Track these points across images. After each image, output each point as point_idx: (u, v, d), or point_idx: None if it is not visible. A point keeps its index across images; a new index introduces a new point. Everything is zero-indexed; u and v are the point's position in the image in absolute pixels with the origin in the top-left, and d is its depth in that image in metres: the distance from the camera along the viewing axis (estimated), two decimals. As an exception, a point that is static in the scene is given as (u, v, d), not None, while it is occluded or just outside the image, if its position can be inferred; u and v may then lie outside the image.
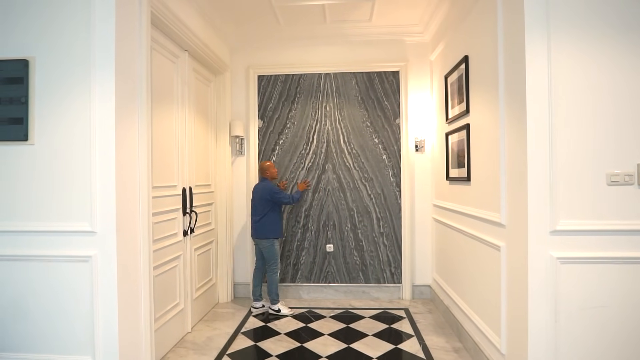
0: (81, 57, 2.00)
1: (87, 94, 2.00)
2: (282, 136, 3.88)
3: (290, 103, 3.87)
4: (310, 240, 3.86)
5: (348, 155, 3.83)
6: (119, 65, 2.04)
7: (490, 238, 2.25)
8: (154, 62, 2.60)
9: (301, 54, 3.87)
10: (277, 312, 3.37)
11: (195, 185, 3.23)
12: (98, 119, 2.00)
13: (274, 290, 3.39)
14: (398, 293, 3.80)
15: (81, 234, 2.00)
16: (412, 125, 3.78)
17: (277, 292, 3.41)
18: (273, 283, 3.40)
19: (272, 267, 3.40)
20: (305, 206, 3.86)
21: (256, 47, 3.90)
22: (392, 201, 3.80)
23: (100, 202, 1.99)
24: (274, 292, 3.39)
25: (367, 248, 3.82)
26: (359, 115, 3.82)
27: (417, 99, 3.79)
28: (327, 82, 3.85)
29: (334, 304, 3.67)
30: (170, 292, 2.80)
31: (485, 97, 2.35)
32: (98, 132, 2.00)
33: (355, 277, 3.82)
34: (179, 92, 2.97)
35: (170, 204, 2.81)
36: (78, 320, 2.01)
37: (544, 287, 1.81)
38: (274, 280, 3.40)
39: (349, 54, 3.83)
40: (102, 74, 2.00)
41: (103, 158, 1.99)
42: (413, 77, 3.78)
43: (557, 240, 1.80)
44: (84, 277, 2.00)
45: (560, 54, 1.81)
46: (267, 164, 3.51)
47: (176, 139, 2.93)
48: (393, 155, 3.80)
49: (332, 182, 3.84)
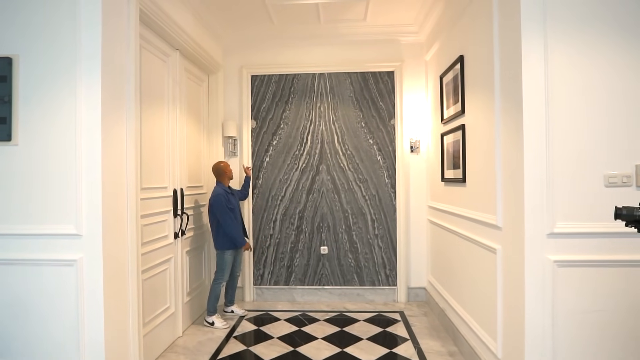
0: (67, 54, 1.94)
1: (73, 93, 1.94)
2: (276, 137, 3.83)
3: (284, 103, 3.83)
4: (304, 242, 3.81)
5: (342, 156, 3.79)
6: (106, 63, 1.98)
7: (486, 240, 2.22)
8: (144, 61, 2.54)
9: (295, 54, 3.82)
10: (211, 325, 3.16)
11: (186, 187, 3.17)
12: (84, 118, 1.94)
13: (211, 301, 3.16)
14: (393, 295, 3.76)
15: (66, 236, 1.93)
16: (407, 126, 3.75)
17: (213, 304, 3.17)
18: (212, 293, 3.17)
19: (216, 276, 3.20)
20: (299, 208, 3.81)
21: (249, 46, 3.85)
22: (387, 202, 3.76)
23: (87, 204, 1.93)
24: (210, 302, 3.16)
25: (362, 250, 3.78)
26: (353, 116, 3.78)
27: (412, 99, 3.75)
28: (322, 82, 3.81)
29: (328, 307, 3.62)
30: (161, 295, 2.74)
31: (481, 98, 2.31)
32: (84, 131, 1.94)
33: (350, 279, 3.78)
34: (170, 92, 2.91)
35: (161, 206, 2.75)
36: (63, 325, 1.94)
37: (540, 290, 1.77)
38: (213, 290, 3.17)
39: (344, 54, 3.79)
40: (89, 72, 1.94)
41: (89, 158, 1.93)
42: (408, 77, 3.75)
43: (554, 243, 1.76)
44: (69, 282, 1.94)
45: (556, 54, 1.78)
46: (221, 165, 3.25)
47: (167, 139, 2.87)
48: (388, 156, 3.76)
49: (327, 183, 3.80)
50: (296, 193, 3.81)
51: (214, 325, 3.15)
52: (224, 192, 3.17)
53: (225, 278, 3.21)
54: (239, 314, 3.41)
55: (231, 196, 3.23)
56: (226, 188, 3.23)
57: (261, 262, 3.84)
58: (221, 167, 3.26)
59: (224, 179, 3.27)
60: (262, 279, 3.83)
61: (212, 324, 3.16)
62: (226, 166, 3.28)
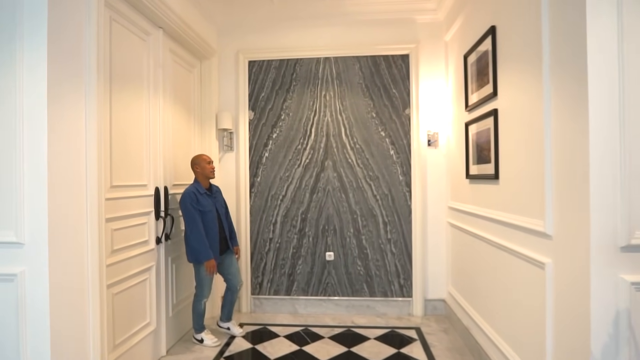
0: (4, 22, 1.57)
1: (12, 71, 1.56)
2: (276, 129, 3.43)
3: (285, 92, 3.42)
4: (307, 248, 3.40)
5: (350, 150, 3.36)
6: (55, 32, 1.60)
7: (529, 252, 1.77)
8: (116, 37, 2.16)
9: (297, 36, 3.41)
10: (200, 342, 2.76)
11: (172, 185, 2.79)
12: (26, 101, 1.56)
13: (195, 319, 2.76)
14: (408, 308, 3.32)
15: (5, 245, 1.56)
16: (424, 116, 3.30)
17: (198, 322, 2.76)
18: (194, 311, 2.76)
19: (196, 292, 2.76)
20: (302, 208, 3.40)
21: (247, 29, 3.45)
22: (401, 203, 3.32)
23: (29, 205, 1.56)
24: (194, 321, 2.76)
25: (373, 256, 3.35)
26: (363, 105, 3.35)
27: (429, 86, 3.31)
28: (327, 68, 3.39)
29: (334, 321, 3.20)
30: (139, 310, 2.36)
31: (521, 75, 1.87)
32: (26, 118, 1.56)
33: (359, 289, 3.35)
34: (151, 75, 2.53)
35: (139, 207, 2.37)
36: (5, 356, 1.58)
37: (612, 320, 1.33)
38: (195, 308, 2.76)
39: (352, 35, 3.37)
40: (31, 44, 1.56)
41: (32, 151, 1.56)
42: (425, 61, 3.30)
43: (630, 259, 1.32)
44: (9, 301, 1.56)
45: (633, 16, 1.33)
46: (197, 158, 2.74)
47: (147, 130, 2.49)
48: (402, 151, 3.32)
49: (333, 181, 3.38)
50: (298, 192, 3.40)
51: (203, 342, 2.75)
52: (194, 191, 2.64)
53: (206, 294, 2.74)
54: (235, 334, 2.94)
55: (204, 197, 2.68)
56: (201, 187, 2.69)
57: (260, 269, 3.44)
58: (193, 160, 2.74)
59: (198, 176, 2.73)
60: (260, 288, 3.44)
61: (201, 341, 2.76)
62: (200, 160, 2.71)
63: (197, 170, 2.73)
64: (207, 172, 2.72)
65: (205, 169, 2.72)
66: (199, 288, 2.74)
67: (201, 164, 2.71)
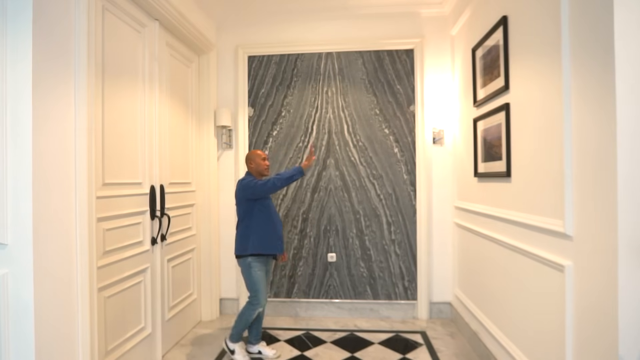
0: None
1: (-5, 54, 1.46)
2: (276, 126, 3.32)
3: (285, 88, 3.32)
4: (309, 249, 3.29)
5: (353, 148, 3.26)
6: (41, 19, 1.50)
7: (545, 253, 1.67)
8: (109, 28, 2.06)
9: (298, 31, 3.31)
10: (231, 353, 2.50)
11: (169, 183, 2.69)
12: (9, 92, 1.46)
13: (237, 325, 2.49)
14: (412, 311, 3.21)
15: (-14, 246, 1.46)
16: (430, 113, 3.20)
17: (239, 331, 2.50)
18: (240, 317, 2.47)
19: (250, 298, 2.46)
20: (303, 208, 3.29)
21: (246, 23, 3.35)
22: (406, 203, 3.22)
23: (13, 204, 1.46)
24: (236, 326, 2.50)
25: (376, 258, 3.24)
26: (366, 102, 3.25)
27: (435, 81, 3.20)
28: (329, 63, 3.29)
29: (336, 324, 3.09)
30: (133, 314, 2.26)
31: (536, 67, 1.76)
32: (9, 110, 1.46)
33: (362, 292, 3.25)
34: (147, 69, 2.43)
35: (133, 206, 2.27)
36: (-16, 363, 1.48)
37: (640, 329, 1.22)
38: (243, 314, 2.46)
39: (355, 29, 3.26)
40: (15, 32, 1.46)
41: (15, 146, 1.46)
42: (430, 56, 3.20)
43: (662, 262, 1.21)
44: (-9, 306, 1.46)
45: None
46: (251, 153, 2.60)
47: (142, 125, 2.39)
48: (407, 149, 3.22)
49: (335, 180, 3.27)
50: (299, 191, 3.30)
51: (234, 354, 2.48)
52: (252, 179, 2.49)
53: (262, 301, 2.43)
54: (269, 356, 2.54)
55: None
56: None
57: (259, 271, 3.33)
58: (248, 156, 2.60)
59: (252, 172, 2.58)
60: (260, 290, 3.33)
61: (232, 352, 2.49)
62: (255, 156, 2.56)
63: (252, 167, 2.58)
64: (262, 168, 2.57)
65: (260, 165, 2.57)
66: (254, 293, 2.44)
67: (256, 160, 2.57)
